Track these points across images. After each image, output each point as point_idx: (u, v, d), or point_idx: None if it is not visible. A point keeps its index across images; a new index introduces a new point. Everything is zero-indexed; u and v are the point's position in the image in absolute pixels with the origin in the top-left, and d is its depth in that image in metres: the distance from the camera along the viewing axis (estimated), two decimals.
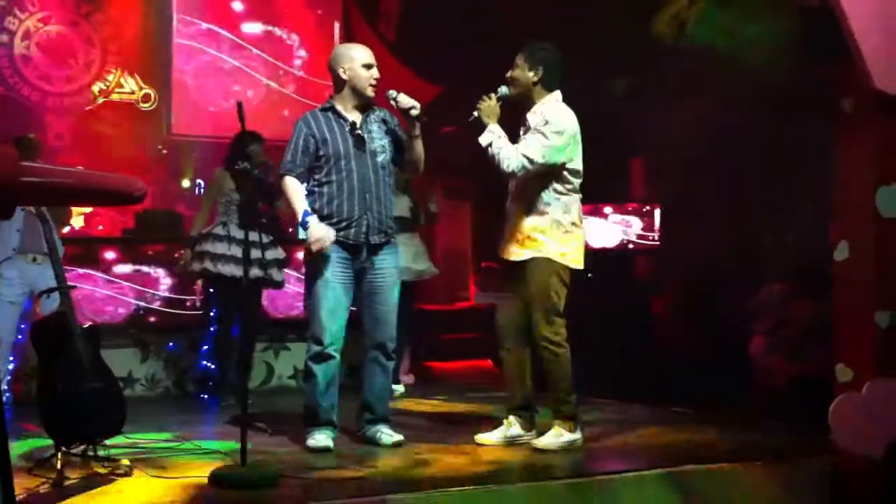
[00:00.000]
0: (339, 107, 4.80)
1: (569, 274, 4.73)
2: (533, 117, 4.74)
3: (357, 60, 4.77)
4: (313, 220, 4.63)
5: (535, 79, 4.74)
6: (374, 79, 4.78)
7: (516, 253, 4.74)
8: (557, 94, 4.78)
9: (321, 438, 4.65)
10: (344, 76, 4.78)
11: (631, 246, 9.36)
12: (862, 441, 4.54)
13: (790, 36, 6.15)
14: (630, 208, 9.46)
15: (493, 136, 4.65)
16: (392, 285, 4.84)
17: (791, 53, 7.21)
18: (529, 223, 4.69)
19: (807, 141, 7.35)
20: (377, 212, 4.76)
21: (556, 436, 4.67)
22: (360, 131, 4.76)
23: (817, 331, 6.73)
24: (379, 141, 4.80)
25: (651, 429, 5.38)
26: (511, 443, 4.78)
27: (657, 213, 9.41)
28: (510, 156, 4.60)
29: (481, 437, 4.81)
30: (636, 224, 9.49)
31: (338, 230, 4.68)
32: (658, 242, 9.40)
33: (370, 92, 4.79)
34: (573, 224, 4.73)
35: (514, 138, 4.74)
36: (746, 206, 8.47)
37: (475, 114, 4.72)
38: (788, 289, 7.55)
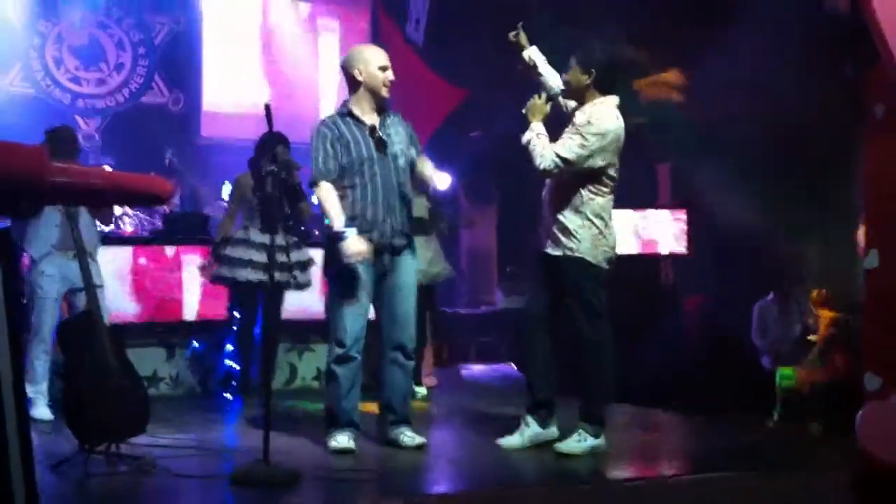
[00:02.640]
0: (356, 110, 4.77)
1: (602, 274, 4.70)
2: (580, 115, 4.67)
3: (372, 62, 4.75)
4: (352, 232, 4.59)
5: (588, 81, 4.67)
6: (389, 80, 4.76)
7: (550, 247, 4.70)
8: (613, 100, 4.70)
9: (343, 440, 4.66)
10: (359, 77, 4.75)
11: (657, 252, 9.30)
12: (890, 450, 4.48)
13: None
14: (657, 213, 9.41)
15: (532, 134, 4.63)
16: (412, 286, 4.84)
17: (821, 60, 7.17)
18: (564, 220, 4.65)
19: (837, 149, 7.30)
20: (399, 214, 4.76)
21: (580, 440, 4.63)
22: (379, 134, 4.74)
23: (840, 339, 6.68)
24: (399, 144, 4.78)
25: (672, 435, 5.35)
26: (532, 442, 4.74)
27: (684, 218, 9.36)
28: (544, 154, 4.57)
29: (504, 442, 4.77)
30: (663, 229, 9.44)
31: (361, 233, 4.65)
32: (685, 250, 9.35)
33: (385, 93, 4.77)
34: (606, 225, 4.71)
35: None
36: (773, 212, 8.41)
37: (524, 111, 4.72)
38: (776, 297, 7.51)
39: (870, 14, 4.45)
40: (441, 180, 4.83)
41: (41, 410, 5.56)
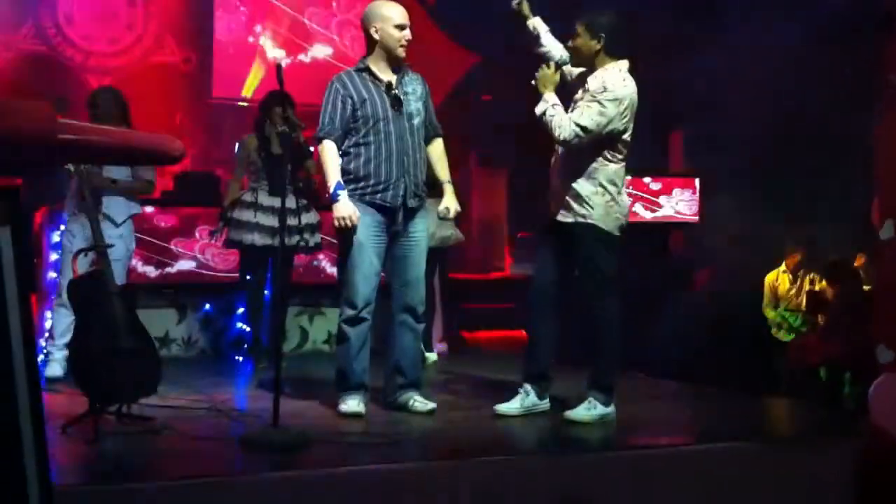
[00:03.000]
0: (373, 67, 4.71)
1: (614, 242, 4.67)
2: (593, 81, 4.59)
3: (389, 20, 4.66)
4: (343, 195, 4.57)
5: (598, 47, 4.59)
6: (406, 39, 4.68)
7: (562, 214, 4.64)
8: (623, 64, 4.63)
9: (353, 404, 4.65)
10: (375, 35, 4.68)
11: (669, 220, 9.26)
12: None
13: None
14: (669, 182, 9.36)
15: (546, 105, 4.55)
16: (423, 249, 4.81)
17: (839, 31, 7.09)
18: (577, 187, 4.59)
19: (852, 121, 7.23)
20: (413, 175, 4.71)
21: (589, 408, 4.61)
22: (396, 91, 4.69)
23: (850, 311, 6.66)
24: (415, 103, 4.74)
25: (682, 406, 5.34)
26: (527, 412, 4.72)
27: (696, 186, 9.31)
28: (562, 124, 4.49)
29: (500, 408, 4.73)
30: (674, 198, 9.40)
31: (375, 193, 4.63)
32: (696, 217, 9.30)
33: (401, 52, 4.69)
34: (619, 192, 4.66)
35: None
36: (784, 183, 8.36)
37: (532, 82, 4.63)
38: (787, 269, 7.47)
39: None
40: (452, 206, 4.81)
41: (53, 367, 5.59)
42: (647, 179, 9.36)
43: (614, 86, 4.54)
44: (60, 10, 9.32)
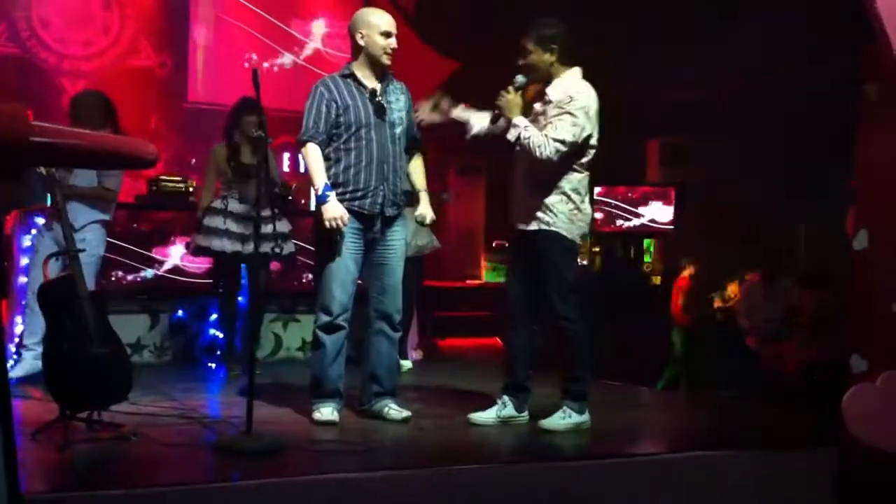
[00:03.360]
0: (358, 73, 4.71)
1: (576, 248, 4.71)
2: (554, 93, 4.61)
3: (375, 27, 4.67)
4: (332, 197, 4.56)
5: (552, 59, 4.62)
6: (391, 48, 4.68)
7: (526, 223, 4.65)
8: (577, 71, 4.67)
9: (327, 412, 4.62)
10: (361, 42, 4.69)
11: (644, 228, 9.30)
12: (876, 432, 4.49)
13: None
14: (645, 191, 9.40)
15: (519, 129, 4.55)
16: (400, 257, 4.81)
17: (814, 40, 7.14)
18: (542, 196, 4.60)
19: (830, 129, 7.28)
20: (393, 183, 4.71)
21: (564, 417, 4.62)
22: (380, 99, 4.69)
23: (826, 320, 6.70)
24: (398, 112, 4.73)
25: (653, 413, 5.34)
26: (505, 423, 4.70)
27: (672, 195, 9.35)
28: (540, 143, 4.49)
29: (475, 417, 4.72)
30: (650, 207, 9.43)
31: (353, 200, 4.62)
32: (672, 226, 9.34)
33: (385, 60, 4.69)
34: (582, 201, 4.67)
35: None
36: (762, 191, 8.41)
37: (495, 111, 4.63)
38: (762, 278, 7.53)
39: None
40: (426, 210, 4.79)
41: (23, 367, 5.51)
42: (623, 189, 9.39)
43: (578, 94, 4.57)
44: (35, 13, 9.23)
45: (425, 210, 4.85)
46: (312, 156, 4.63)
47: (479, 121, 4.79)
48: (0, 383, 2.04)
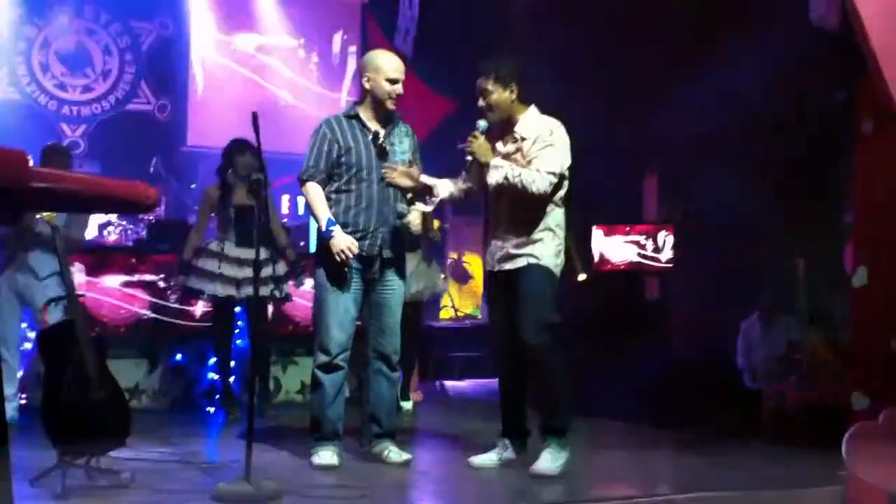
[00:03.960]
0: (362, 115, 4.74)
1: (556, 284, 4.63)
2: (526, 129, 4.57)
3: (382, 72, 4.68)
4: (337, 229, 4.57)
5: (513, 97, 4.58)
6: (396, 93, 4.70)
7: (509, 262, 4.58)
8: (535, 109, 4.63)
9: (326, 456, 4.59)
10: (367, 85, 4.72)
11: (642, 266, 9.28)
12: (877, 471, 4.45)
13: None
14: (642, 228, 9.39)
15: (503, 171, 4.50)
16: (399, 298, 4.81)
17: (810, 75, 7.17)
18: (529, 233, 4.56)
19: (825, 165, 7.30)
20: (392, 225, 4.73)
21: (554, 459, 4.50)
22: (383, 143, 4.71)
23: (828, 358, 6.66)
24: (401, 155, 4.75)
25: (657, 453, 5.31)
26: (506, 465, 4.63)
27: (669, 234, 9.34)
28: (533, 178, 4.45)
29: (476, 460, 4.66)
30: (648, 244, 9.42)
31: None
32: (670, 264, 9.33)
33: (390, 105, 4.71)
34: (563, 237, 4.66)
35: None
36: (760, 229, 8.40)
37: (469, 158, 4.59)
38: (760, 316, 7.50)
39: (860, 30, 4.44)
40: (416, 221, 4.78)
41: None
42: (621, 225, 9.38)
43: (557, 127, 4.56)
44: (35, 58, 9.30)
45: (414, 217, 4.80)
46: (313, 193, 4.65)
47: (444, 187, 4.77)
48: None
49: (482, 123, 4.59)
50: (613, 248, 9.25)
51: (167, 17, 9.85)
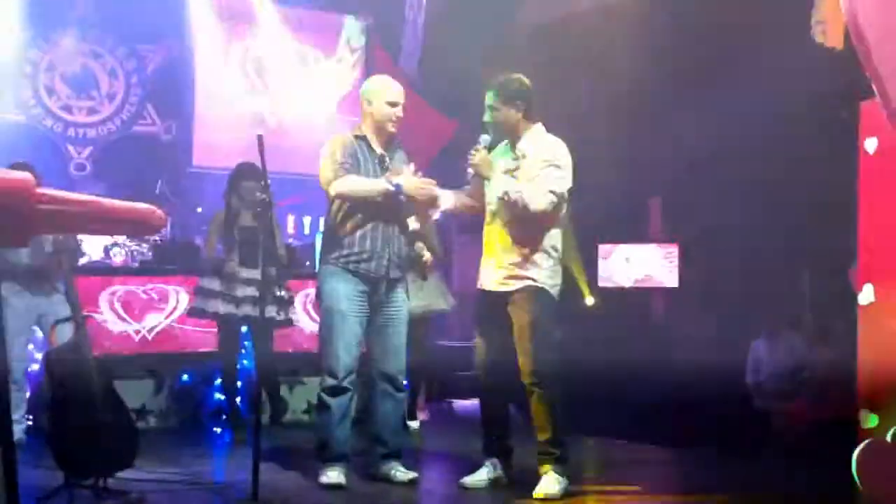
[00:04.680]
0: (368, 137, 4.75)
1: (555, 306, 4.57)
2: (531, 147, 4.54)
3: (380, 96, 4.71)
4: (404, 177, 4.60)
5: (519, 116, 4.54)
6: (396, 116, 4.71)
7: (505, 284, 4.52)
8: (541, 127, 4.60)
9: (333, 475, 4.58)
10: (367, 109, 4.74)
11: (647, 286, 9.28)
12: (887, 488, 4.44)
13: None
14: (648, 248, 9.40)
15: (507, 187, 4.45)
16: (404, 318, 4.81)
17: (814, 94, 7.20)
18: (528, 253, 4.50)
19: (830, 183, 7.30)
20: (398, 247, 4.74)
21: (557, 482, 4.44)
22: (388, 165, 4.71)
23: (834, 375, 6.65)
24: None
25: (667, 471, 5.29)
26: (495, 485, 4.58)
27: (675, 253, 9.35)
28: (534, 196, 4.41)
29: (468, 481, 4.58)
30: (654, 263, 9.42)
31: (359, 262, 4.64)
32: (676, 283, 9.33)
33: (390, 128, 4.73)
34: (559, 258, 4.61)
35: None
36: (767, 248, 8.41)
37: (470, 171, 4.56)
38: (767, 334, 7.49)
39: (863, 50, 4.45)
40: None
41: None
42: (626, 245, 9.39)
43: (561, 147, 4.53)
44: (41, 81, 9.35)
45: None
46: (349, 184, 4.57)
47: (447, 198, 4.75)
48: (4, 451, 2.04)
49: (485, 138, 4.57)
50: (618, 267, 9.26)
51: (172, 39, 9.89)
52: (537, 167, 4.49)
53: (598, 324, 9.11)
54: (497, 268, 4.57)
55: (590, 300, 9.17)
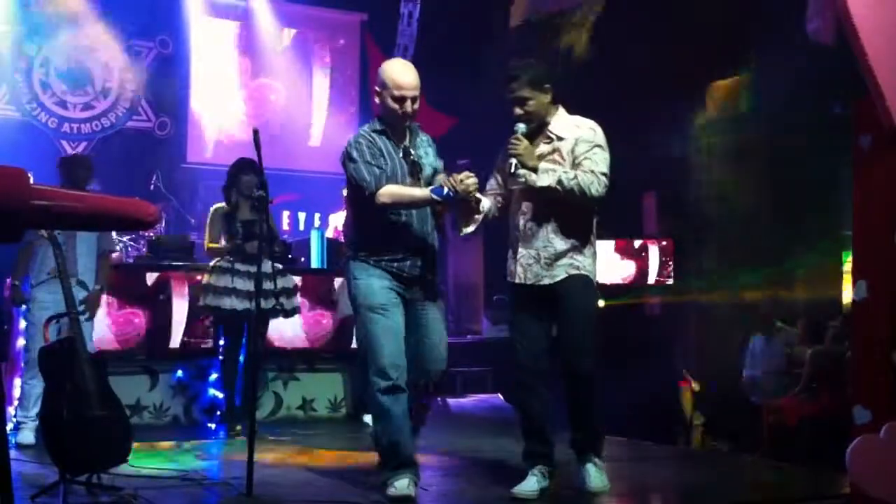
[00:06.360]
0: (388, 129, 4.37)
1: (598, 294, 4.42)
2: (565, 130, 4.32)
3: (388, 88, 4.29)
4: (443, 177, 4.25)
5: (549, 99, 4.33)
6: (404, 112, 4.28)
7: (547, 276, 4.28)
8: (562, 108, 4.41)
9: (402, 485, 4.11)
10: (377, 99, 4.38)
11: (642, 282, 9.29)
12: (880, 485, 4.44)
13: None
14: (642, 244, 9.41)
15: (555, 174, 4.19)
16: (438, 314, 4.46)
17: (807, 90, 7.21)
18: (573, 240, 4.29)
19: (824, 178, 7.32)
20: (431, 244, 4.39)
21: (603, 475, 4.32)
22: (413, 157, 4.36)
23: (828, 371, 6.67)
24: (429, 167, 4.42)
25: (660, 469, 5.30)
26: (544, 493, 4.31)
27: (669, 249, 9.36)
28: (591, 180, 4.17)
29: (518, 490, 4.26)
30: (649, 260, 9.43)
31: (392, 261, 4.26)
32: (671, 279, 9.34)
33: (400, 119, 4.32)
34: (596, 241, 4.45)
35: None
36: (759, 244, 8.42)
37: (513, 161, 4.22)
38: (761, 331, 7.50)
39: (857, 47, 4.46)
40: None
41: (25, 434, 5.53)
42: (621, 241, 9.40)
43: (592, 125, 4.33)
44: (35, 76, 9.34)
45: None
46: (392, 192, 4.20)
47: (484, 201, 4.37)
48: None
49: (521, 126, 4.29)
50: (613, 264, 9.27)
51: (167, 35, 9.89)
52: (582, 149, 4.27)
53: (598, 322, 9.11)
54: (538, 259, 4.32)
55: (601, 302, 9.20)
